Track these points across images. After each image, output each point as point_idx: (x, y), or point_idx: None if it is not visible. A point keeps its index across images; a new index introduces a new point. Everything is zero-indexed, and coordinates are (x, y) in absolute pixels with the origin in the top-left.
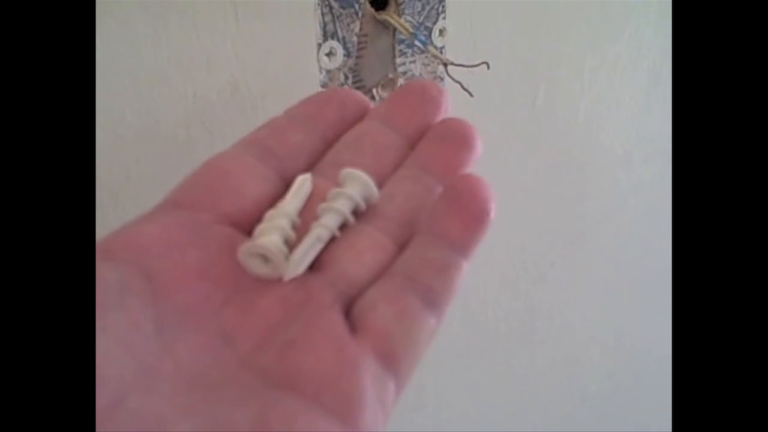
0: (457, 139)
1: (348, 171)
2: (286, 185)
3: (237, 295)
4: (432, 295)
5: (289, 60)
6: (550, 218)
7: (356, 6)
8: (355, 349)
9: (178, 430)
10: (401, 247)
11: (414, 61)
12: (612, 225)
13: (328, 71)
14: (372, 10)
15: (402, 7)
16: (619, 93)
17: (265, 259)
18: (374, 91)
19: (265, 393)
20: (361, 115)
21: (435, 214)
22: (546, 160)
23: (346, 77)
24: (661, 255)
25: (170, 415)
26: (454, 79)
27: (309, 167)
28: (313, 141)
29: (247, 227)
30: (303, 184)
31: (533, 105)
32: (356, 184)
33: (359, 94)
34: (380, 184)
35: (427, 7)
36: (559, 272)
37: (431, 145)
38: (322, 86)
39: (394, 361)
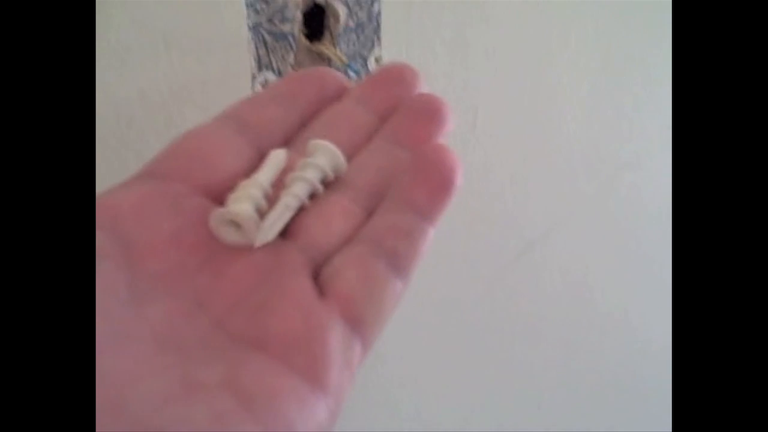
0: (427, 111)
1: (315, 142)
2: (261, 159)
3: (210, 262)
4: (397, 259)
5: (224, 91)
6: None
7: (290, 38)
8: (322, 312)
9: (149, 387)
10: (370, 215)
11: None
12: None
13: None
14: (306, 41)
15: (337, 37)
16: (562, 109)
17: (236, 226)
18: None
19: (235, 353)
20: (340, 94)
21: (402, 181)
22: (486, 179)
23: None
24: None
25: (142, 373)
26: None
27: (285, 143)
28: (291, 117)
29: (221, 199)
30: (277, 157)
31: (473, 129)
32: (324, 155)
33: (339, 74)
34: (351, 158)
35: (362, 37)
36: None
37: (402, 119)
38: None
39: (360, 323)
